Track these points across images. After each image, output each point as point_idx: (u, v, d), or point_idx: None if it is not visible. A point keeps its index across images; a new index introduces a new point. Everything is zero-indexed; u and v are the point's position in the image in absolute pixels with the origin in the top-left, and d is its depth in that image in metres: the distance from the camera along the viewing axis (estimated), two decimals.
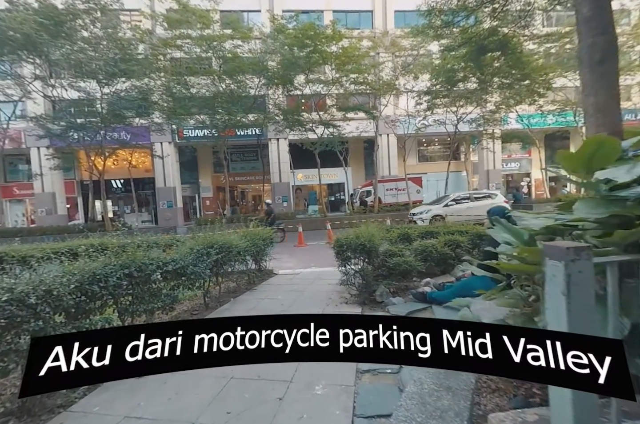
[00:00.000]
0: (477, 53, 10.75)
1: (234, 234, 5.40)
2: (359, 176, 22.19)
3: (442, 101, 14.18)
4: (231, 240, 4.44)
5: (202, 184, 22.27)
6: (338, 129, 14.63)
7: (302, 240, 10.31)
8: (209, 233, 4.74)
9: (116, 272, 2.48)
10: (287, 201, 19.65)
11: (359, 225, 4.77)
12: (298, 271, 6.49)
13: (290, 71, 12.43)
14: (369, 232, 4.24)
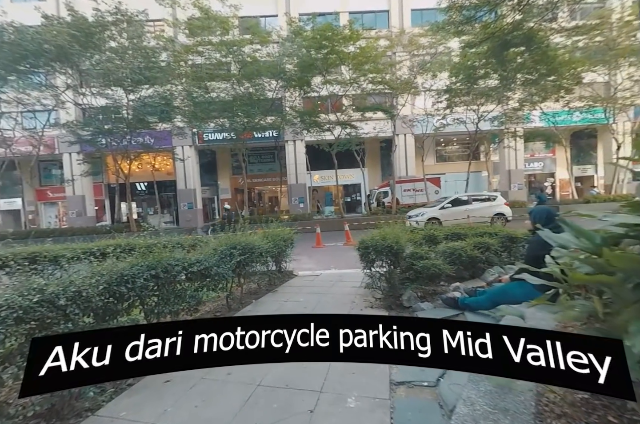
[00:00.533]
0: (500, 49, 10.33)
1: (255, 234, 5.35)
2: (376, 176, 21.89)
3: (462, 99, 13.71)
4: (253, 241, 4.37)
5: (220, 185, 22.60)
6: (356, 129, 14.45)
7: (320, 241, 10.19)
8: (228, 234, 4.70)
9: (143, 273, 2.44)
10: (303, 202, 19.61)
11: (379, 226, 4.60)
12: (318, 273, 6.37)
13: (308, 73, 12.38)
14: (394, 233, 4.06)
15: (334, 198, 22.53)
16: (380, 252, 3.75)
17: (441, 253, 4.18)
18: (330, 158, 16.70)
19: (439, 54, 13.48)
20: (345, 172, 19.90)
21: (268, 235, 5.32)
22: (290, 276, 6.00)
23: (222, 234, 5.41)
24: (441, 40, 12.60)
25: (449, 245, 4.35)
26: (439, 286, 4.12)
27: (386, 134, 18.50)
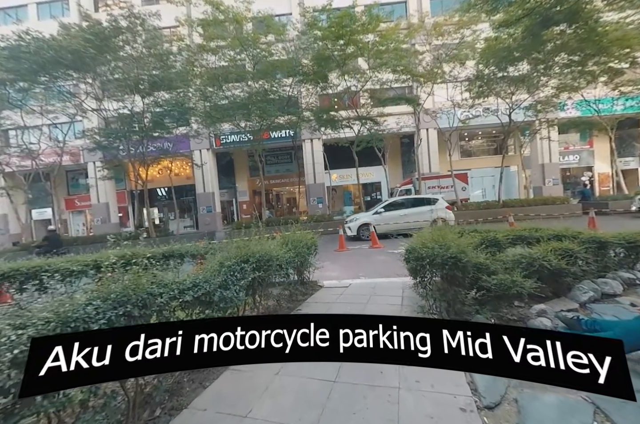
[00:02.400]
0: (539, 27, 9.01)
1: (272, 240, 4.51)
2: (396, 174, 20.68)
3: (493, 87, 12.32)
4: (270, 250, 3.50)
5: (238, 188, 22.10)
6: (378, 124, 13.38)
7: (343, 244, 9.24)
8: (243, 239, 3.88)
9: (105, 314, 1.59)
10: (322, 202, 18.71)
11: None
12: (346, 283, 5.42)
13: (324, 66, 11.44)
14: (449, 237, 3.07)
15: (353, 197, 21.53)
16: (441, 265, 2.76)
17: (512, 263, 3.14)
18: (349, 156, 15.71)
19: (466, 40, 12.14)
20: (365, 170, 18.84)
21: (288, 241, 4.45)
22: (315, 288, 5.10)
23: (227, 241, 4.61)
24: (469, 23, 11.33)
25: (520, 252, 3.29)
26: (512, 308, 3.08)
27: (407, 129, 17.34)
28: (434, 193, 15.97)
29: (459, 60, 12.66)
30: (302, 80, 12.31)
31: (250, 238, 3.94)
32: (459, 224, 9.18)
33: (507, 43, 10.20)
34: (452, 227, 4.73)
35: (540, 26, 9.00)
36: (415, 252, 3.04)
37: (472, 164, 20.11)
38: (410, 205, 11.15)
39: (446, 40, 12.45)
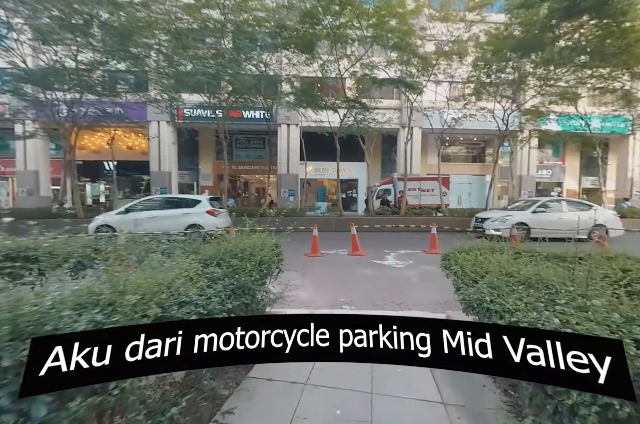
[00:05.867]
0: (563, 15, 7.69)
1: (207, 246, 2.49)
2: (375, 173, 19.16)
3: (492, 85, 11.02)
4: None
5: (202, 171, 19.25)
6: (367, 108, 11.50)
7: (317, 248, 7.32)
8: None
9: None
10: (294, 195, 16.64)
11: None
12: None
13: (311, 29, 9.23)
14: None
15: (329, 193, 19.71)
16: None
17: None
18: (328, 148, 13.78)
19: (471, 29, 10.65)
20: (343, 165, 17.03)
21: (226, 253, 2.41)
22: None
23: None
24: (480, 4, 9.79)
25: None
26: None
27: (390, 126, 15.82)
28: (415, 196, 14.66)
29: (459, 54, 11.16)
30: (283, 45, 9.97)
31: None
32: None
33: (517, 31, 8.81)
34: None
35: (563, 14, 7.64)
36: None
37: (450, 169, 19.15)
38: (161, 206, 8.69)
39: (450, 27, 10.86)
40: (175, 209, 8.53)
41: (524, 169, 16.77)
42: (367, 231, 10.32)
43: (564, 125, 15.30)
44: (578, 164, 18.91)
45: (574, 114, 13.20)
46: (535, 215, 9.15)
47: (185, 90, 12.48)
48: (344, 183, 18.87)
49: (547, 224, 7.96)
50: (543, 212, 9.20)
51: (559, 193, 18.81)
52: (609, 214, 9.46)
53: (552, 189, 18.94)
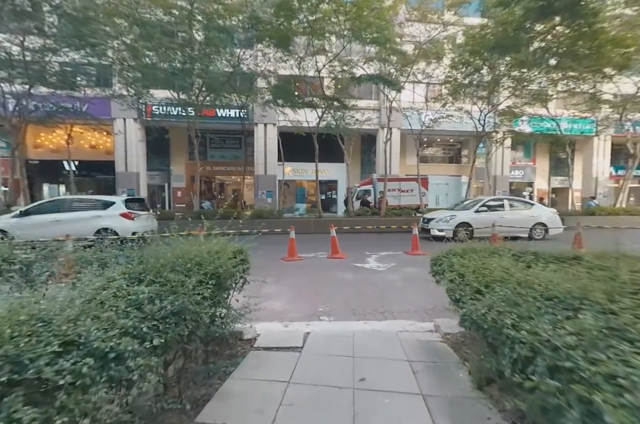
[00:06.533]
0: (538, 14, 7.73)
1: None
2: (354, 174, 18.93)
3: (469, 86, 11.06)
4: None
5: (174, 172, 18.18)
6: (345, 106, 11.14)
7: (294, 251, 6.82)
8: None
9: None
10: (272, 196, 16.04)
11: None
12: (298, 331, 3.04)
13: (287, 22, 8.76)
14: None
15: (307, 195, 19.25)
16: None
17: None
18: (306, 148, 13.36)
19: (447, 28, 10.62)
20: (322, 166, 16.68)
21: (184, 252, 1.91)
22: (233, 348, 2.62)
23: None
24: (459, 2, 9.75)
25: None
26: None
27: (370, 126, 15.67)
28: (394, 196, 14.53)
29: (437, 54, 11.12)
30: (257, 37, 9.42)
31: None
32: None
33: (494, 31, 8.82)
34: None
35: (538, 13, 7.68)
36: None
37: (427, 170, 19.32)
38: (68, 208, 7.64)
39: (428, 26, 10.79)
40: (83, 211, 7.51)
41: (498, 169, 17.16)
42: (348, 232, 9.95)
43: (534, 126, 15.79)
44: (547, 164, 19.67)
45: (545, 116, 13.60)
46: (478, 214, 8.99)
47: (152, 85, 11.61)
48: (324, 184, 18.49)
49: (490, 223, 7.85)
50: (486, 212, 9.06)
51: (530, 193, 19.46)
52: (549, 213, 9.46)
53: (524, 189, 19.57)
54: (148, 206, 9.32)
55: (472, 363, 2.16)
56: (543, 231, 9.11)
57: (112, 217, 7.43)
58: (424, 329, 3.11)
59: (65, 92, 11.35)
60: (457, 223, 8.78)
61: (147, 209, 8.79)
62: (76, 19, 8.49)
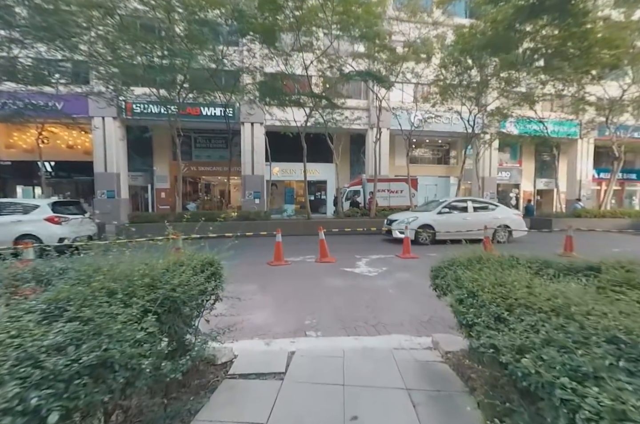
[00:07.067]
0: (528, 13, 7.61)
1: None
2: (344, 174, 18.65)
3: (459, 87, 10.92)
4: None
5: (157, 172, 17.45)
6: (334, 104, 10.80)
7: (280, 255, 6.43)
8: None
9: None
10: (260, 197, 15.56)
11: None
12: (281, 350, 2.66)
13: (272, 17, 8.37)
14: None
15: (296, 195, 18.84)
16: None
17: None
18: (294, 148, 12.95)
19: (437, 25, 10.44)
20: (311, 166, 16.32)
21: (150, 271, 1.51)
22: (204, 376, 2.23)
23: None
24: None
25: None
26: None
27: (359, 126, 15.44)
28: (384, 197, 14.29)
29: (427, 53, 10.94)
30: (240, 30, 8.96)
31: None
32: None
33: (485, 30, 8.68)
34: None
35: (528, 11, 7.56)
36: None
37: (416, 171, 19.20)
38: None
39: (418, 24, 10.58)
40: (1, 216, 6.77)
41: (485, 170, 17.18)
42: (337, 234, 9.62)
43: (521, 129, 15.88)
44: (533, 166, 19.88)
45: (533, 118, 13.65)
46: (440, 216, 8.55)
47: (130, 81, 11.00)
48: (312, 185, 18.12)
49: (452, 225, 7.52)
50: (448, 213, 8.64)
51: (516, 194, 19.62)
52: (512, 215, 9.08)
53: (510, 191, 19.71)
54: (85, 209, 8.61)
55: (482, 394, 1.83)
56: (507, 233, 8.68)
57: (34, 222, 6.69)
58: (422, 346, 2.79)
59: (37, 88, 10.60)
60: (419, 225, 8.31)
61: (83, 213, 8.07)
62: (44, 9, 7.85)
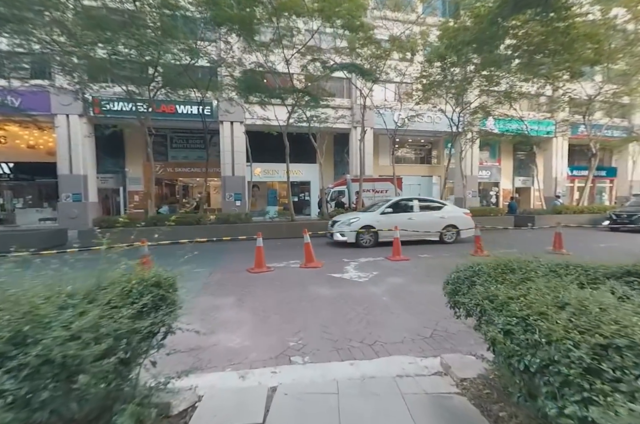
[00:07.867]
0: (512, 7, 7.45)
1: None
2: (327, 174, 18.20)
3: (443, 85, 10.73)
4: None
5: (129, 174, 16.30)
6: (317, 100, 10.29)
7: (261, 261, 5.83)
8: None
9: None
10: (241, 199, 14.83)
11: None
12: (260, 385, 2.10)
13: (249, 7, 7.77)
14: None
15: (279, 197, 18.21)
16: None
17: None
18: (276, 148, 12.37)
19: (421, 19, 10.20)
20: (294, 167, 15.76)
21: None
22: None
23: None
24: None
25: None
26: None
27: (342, 125, 15.08)
28: (369, 197, 13.94)
29: (411, 49, 10.68)
30: (216, 20, 8.30)
31: None
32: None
33: (470, 26, 8.49)
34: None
35: (512, 5, 7.40)
36: None
37: (400, 170, 19.06)
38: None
39: (402, 17, 10.30)
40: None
41: (467, 169, 17.24)
42: (323, 236, 9.12)
43: (501, 127, 16.06)
44: (511, 165, 20.26)
45: (514, 116, 13.77)
46: (383, 216, 8.09)
47: (96, 74, 10.06)
48: (296, 186, 17.56)
49: (395, 226, 7.21)
50: (392, 213, 8.18)
51: (497, 193, 19.91)
52: (460, 213, 8.72)
53: (490, 189, 19.97)
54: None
55: None
56: (455, 233, 8.37)
57: None
58: (429, 371, 2.31)
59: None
60: (361, 226, 7.84)
61: None
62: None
